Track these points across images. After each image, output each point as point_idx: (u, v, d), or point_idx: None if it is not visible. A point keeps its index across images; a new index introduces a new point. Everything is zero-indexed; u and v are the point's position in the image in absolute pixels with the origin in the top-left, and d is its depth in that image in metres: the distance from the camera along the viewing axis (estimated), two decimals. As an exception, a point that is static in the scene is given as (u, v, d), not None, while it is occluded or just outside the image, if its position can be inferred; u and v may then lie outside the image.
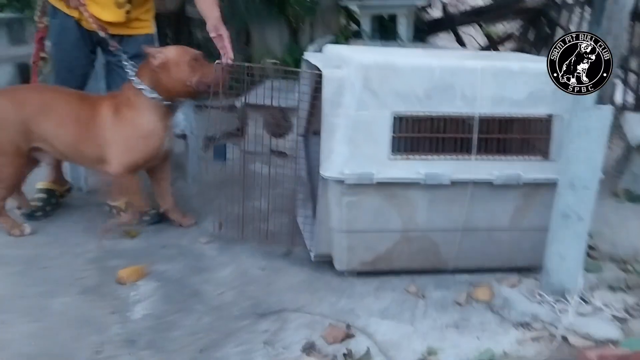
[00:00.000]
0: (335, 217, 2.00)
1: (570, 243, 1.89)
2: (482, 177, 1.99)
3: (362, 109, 1.88)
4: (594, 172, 1.82)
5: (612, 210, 2.89)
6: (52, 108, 2.23)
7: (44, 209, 2.53)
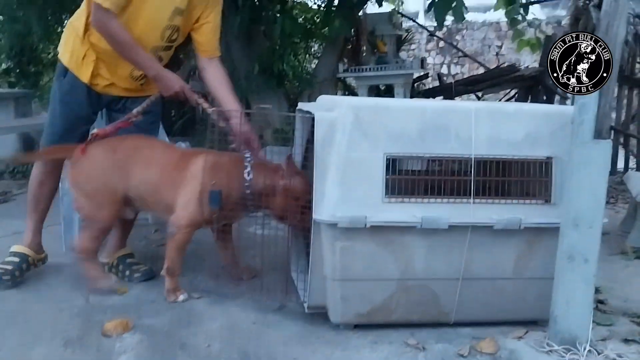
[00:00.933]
0: (329, 264, 1.92)
1: (577, 287, 1.78)
2: (481, 221, 1.92)
3: (354, 149, 1.85)
4: (598, 209, 1.75)
5: (620, 267, 2.81)
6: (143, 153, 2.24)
7: (12, 274, 2.38)
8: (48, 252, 2.73)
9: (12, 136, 4.57)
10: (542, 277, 1.95)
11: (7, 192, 3.91)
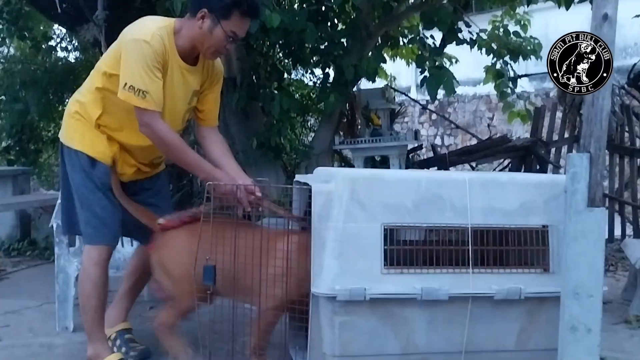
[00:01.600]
0: (328, 341, 1.88)
1: (581, 358, 1.75)
2: (481, 292, 1.91)
3: (351, 221, 1.86)
4: (597, 278, 1.75)
5: (625, 337, 2.77)
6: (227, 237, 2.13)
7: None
8: (41, 331, 2.69)
9: (9, 213, 4.57)
10: (546, 348, 1.92)
11: (1, 270, 3.87)
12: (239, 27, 2.15)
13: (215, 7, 2.10)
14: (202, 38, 2.14)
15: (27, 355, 2.41)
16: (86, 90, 2.24)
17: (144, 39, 2.05)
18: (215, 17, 2.11)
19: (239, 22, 2.14)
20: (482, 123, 11.69)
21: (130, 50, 2.05)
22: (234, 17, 2.12)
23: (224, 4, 2.10)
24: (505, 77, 5.70)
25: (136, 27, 2.14)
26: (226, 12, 2.10)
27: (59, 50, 7.49)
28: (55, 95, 6.88)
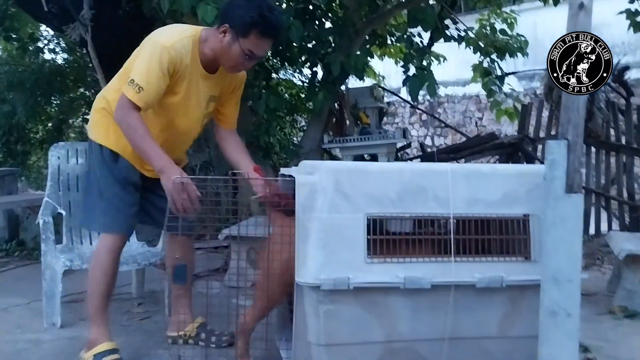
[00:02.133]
0: (313, 330, 1.90)
1: (562, 343, 1.77)
2: (463, 280, 1.92)
3: (335, 212, 1.88)
4: (575, 263, 1.77)
5: (610, 327, 2.81)
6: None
7: None
8: (29, 328, 2.69)
9: (-3, 214, 4.57)
10: (529, 335, 1.93)
11: (-13, 270, 3.88)
12: (257, 47, 2.17)
13: (235, 24, 2.15)
14: (222, 52, 2.20)
15: (14, 352, 2.41)
16: (112, 89, 2.30)
17: (164, 44, 2.12)
18: (235, 34, 2.16)
19: (257, 41, 2.16)
20: (472, 123, 11.78)
21: (147, 50, 2.13)
22: (252, 36, 2.14)
23: (243, 22, 2.13)
24: (493, 75, 5.76)
25: (163, 32, 2.21)
26: (245, 31, 2.14)
27: (46, 52, 7.48)
28: (43, 96, 6.87)
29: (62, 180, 3.06)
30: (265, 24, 2.13)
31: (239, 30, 2.15)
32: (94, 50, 4.85)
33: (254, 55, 2.19)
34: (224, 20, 2.19)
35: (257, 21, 2.12)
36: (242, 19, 2.13)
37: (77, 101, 7.61)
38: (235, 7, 2.16)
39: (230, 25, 2.16)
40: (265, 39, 2.18)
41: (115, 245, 2.27)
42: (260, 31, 2.14)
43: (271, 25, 2.16)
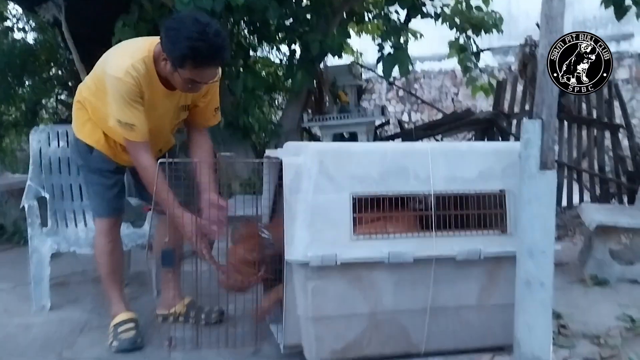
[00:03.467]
0: (302, 304, 1.98)
1: (536, 311, 1.89)
2: (444, 254, 2.02)
3: (320, 192, 1.95)
4: (549, 237, 1.88)
5: (580, 295, 2.94)
6: None
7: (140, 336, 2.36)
8: (17, 312, 2.71)
9: (-25, 198, 4.52)
10: (505, 304, 2.05)
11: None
12: (196, 75, 2.09)
13: (169, 55, 2.07)
14: (168, 76, 2.15)
15: (4, 336, 2.43)
16: (86, 87, 2.35)
17: (118, 76, 2.09)
18: (172, 64, 2.08)
19: (195, 71, 2.07)
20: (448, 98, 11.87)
21: (110, 87, 2.13)
22: (187, 66, 2.05)
23: (175, 56, 2.05)
24: (468, 52, 5.83)
25: (115, 61, 2.16)
26: (180, 63, 2.05)
27: (16, 31, 7.31)
28: (15, 78, 6.74)
29: (44, 164, 3.06)
30: (197, 56, 2.02)
31: (174, 62, 2.07)
32: (68, 31, 4.78)
33: (196, 82, 2.12)
34: (162, 47, 2.11)
35: (187, 54, 2.02)
36: (172, 52, 2.05)
37: (49, 81, 7.48)
38: (166, 39, 2.06)
39: (166, 55, 2.09)
40: (203, 68, 2.08)
41: (105, 228, 2.33)
42: (194, 63, 2.04)
43: (203, 56, 2.04)
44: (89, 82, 2.33)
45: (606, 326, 2.41)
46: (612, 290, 2.97)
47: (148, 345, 2.29)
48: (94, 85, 2.27)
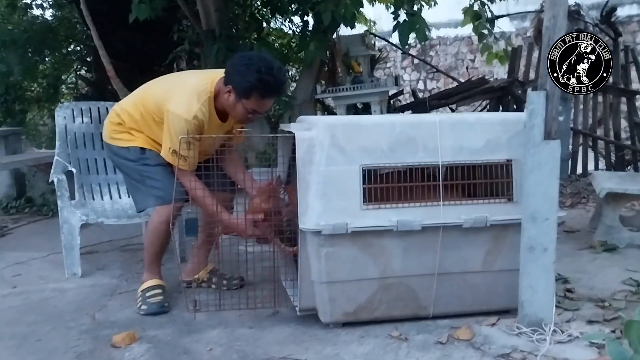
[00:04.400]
0: (315, 269, 2.10)
1: (539, 274, 1.99)
2: (451, 221, 2.12)
3: (332, 164, 2.05)
4: (552, 204, 1.96)
5: (589, 260, 3.01)
6: None
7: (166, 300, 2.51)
8: (51, 278, 2.89)
9: (4, 173, 4.70)
10: (510, 269, 2.15)
11: (3, 227, 4.04)
12: (259, 106, 2.34)
13: (237, 87, 2.30)
14: (229, 108, 2.38)
15: (41, 299, 2.61)
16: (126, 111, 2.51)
17: (186, 117, 2.28)
18: (238, 95, 2.31)
19: (259, 102, 2.32)
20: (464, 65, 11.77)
21: (173, 124, 2.30)
22: (253, 97, 2.30)
23: (244, 87, 2.28)
24: (483, 19, 5.78)
25: (180, 101, 2.33)
26: (246, 94, 2.29)
27: (34, 8, 7.42)
28: (36, 54, 6.88)
29: (70, 139, 3.20)
30: (264, 88, 2.28)
31: (240, 93, 2.30)
32: (86, 8, 4.87)
33: (256, 112, 2.37)
34: (227, 81, 2.33)
35: (256, 85, 2.26)
36: (241, 84, 2.28)
37: (69, 57, 7.61)
38: (235, 72, 2.30)
39: (233, 87, 2.31)
40: (267, 99, 2.35)
41: (169, 216, 2.38)
42: (260, 94, 2.30)
43: (270, 87, 2.30)
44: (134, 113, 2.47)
45: (612, 290, 2.49)
46: (620, 256, 3.03)
47: (174, 308, 2.44)
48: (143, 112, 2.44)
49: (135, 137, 2.50)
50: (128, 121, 2.50)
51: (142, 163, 2.48)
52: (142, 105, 2.47)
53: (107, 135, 2.58)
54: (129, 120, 2.50)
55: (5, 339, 2.19)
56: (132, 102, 2.54)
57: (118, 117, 2.53)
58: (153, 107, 2.43)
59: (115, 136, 2.53)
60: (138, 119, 2.48)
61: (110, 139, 2.56)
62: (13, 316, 2.42)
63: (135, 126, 2.49)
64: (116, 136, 2.53)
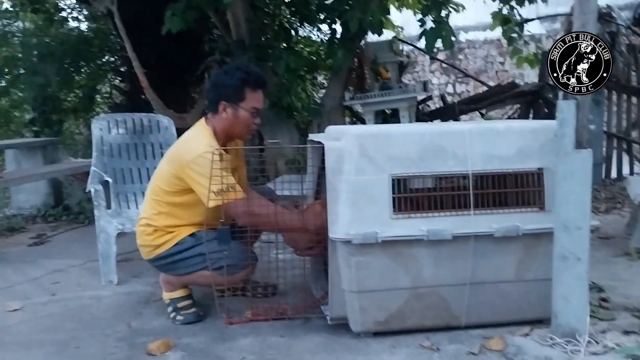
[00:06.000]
0: (346, 278, 2.12)
1: (572, 284, 1.96)
2: (482, 231, 2.11)
3: (361, 174, 2.06)
4: (584, 213, 1.94)
5: (624, 268, 2.96)
6: None
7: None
8: (88, 286, 2.98)
9: (42, 182, 4.84)
10: (543, 278, 2.13)
11: (42, 235, 4.16)
12: (256, 101, 2.41)
13: (229, 95, 2.38)
14: (232, 125, 2.41)
15: (79, 307, 2.69)
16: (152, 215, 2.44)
17: (205, 150, 2.26)
18: (234, 102, 2.38)
19: (254, 96, 2.40)
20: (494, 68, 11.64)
21: (197, 169, 2.27)
22: (247, 94, 2.38)
23: (235, 88, 2.37)
24: (512, 23, 5.73)
25: (189, 149, 2.33)
26: (240, 94, 2.37)
27: (70, 21, 7.64)
28: (72, 65, 7.08)
29: (106, 150, 3.29)
30: (252, 78, 2.39)
31: (235, 98, 2.38)
32: (120, 21, 4.99)
33: (257, 109, 2.42)
34: (217, 100, 2.38)
35: (245, 79, 2.37)
36: (231, 88, 2.37)
37: (103, 68, 7.81)
38: (221, 85, 2.40)
39: (225, 100, 2.38)
40: (258, 91, 2.42)
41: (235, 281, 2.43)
42: (251, 87, 2.39)
43: (257, 76, 2.42)
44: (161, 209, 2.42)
45: (648, 299, 2.45)
46: (657, 264, 2.97)
47: (207, 315, 2.48)
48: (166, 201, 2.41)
49: (177, 231, 2.41)
50: (161, 221, 2.42)
51: (199, 244, 2.36)
52: (162, 194, 2.42)
53: (149, 252, 2.45)
54: (161, 220, 2.42)
55: (46, 345, 2.26)
56: (150, 204, 2.47)
57: (149, 226, 2.43)
58: (172, 180, 2.37)
59: (159, 242, 2.42)
60: (167, 210, 2.42)
61: (155, 250, 2.43)
62: (52, 323, 2.50)
63: (171, 221, 2.42)
64: (159, 242, 2.41)
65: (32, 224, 4.57)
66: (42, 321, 2.53)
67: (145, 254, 2.48)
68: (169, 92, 5.80)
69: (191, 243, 2.39)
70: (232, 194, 2.26)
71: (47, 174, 4.58)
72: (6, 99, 7.60)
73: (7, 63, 7.15)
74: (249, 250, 2.40)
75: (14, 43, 7.35)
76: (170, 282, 2.50)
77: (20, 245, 3.93)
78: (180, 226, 2.42)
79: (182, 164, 2.32)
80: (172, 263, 2.42)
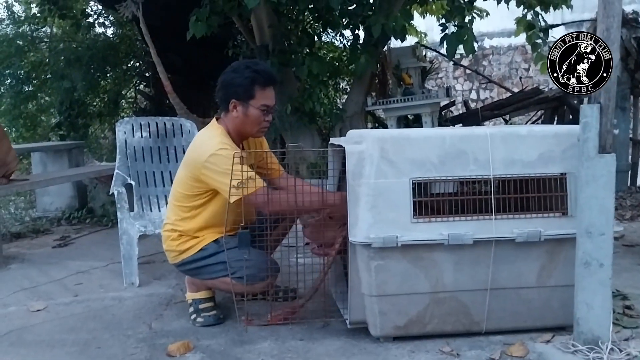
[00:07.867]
0: (366, 282, 2.11)
1: (595, 290, 1.93)
2: (503, 236, 2.09)
3: (381, 177, 2.06)
4: (607, 218, 1.91)
5: (649, 275, 2.90)
6: None
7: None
8: (111, 287, 3.01)
9: (67, 185, 4.93)
10: (565, 284, 2.10)
11: (66, 237, 4.23)
12: (266, 99, 2.41)
13: (239, 94, 2.38)
14: (243, 123, 2.42)
15: (101, 308, 2.73)
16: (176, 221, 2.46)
17: (220, 147, 2.29)
18: (244, 101, 2.38)
19: (263, 94, 2.40)
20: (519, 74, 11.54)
21: (213, 168, 2.28)
22: (257, 92, 2.38)
23: (244, 86, 2.37)
24: (537, 29, 5.68)
25: (204, 146, 2.34)
26: (249, 92, 2.37)
27: (97, 27, 7.80)
28: (98, 70, 7.22)
29: (129, 153, 3.34)
30: (261, 76, 2.39)
31: (245, 96, 2.38)
32: (145, 26, 5.07)
33: (268, 107, 2.41)
34: (227, 99, 2.39)
35: (254, 77, 2.37)
36: (241, 86, 2.37)
37: (129, 73, 7.95)
38: (230, 84, 2.40)
39: (235, 98, 2.38)
40: (268, 88, 2.41)
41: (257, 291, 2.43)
42: (261, 85, 2.39)
43: (266, 73, 2.42)
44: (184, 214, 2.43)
45: (674, 308, 2.39)
46: (683, 272, 2.91)
47: (227, 318, 2.49)
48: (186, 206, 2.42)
49: (202, 236, 2.43)
50: (185, 226, 2.44)
51: (221, 251, 2.37)
52: (183, 199, 2.43)
53: (174, 256, 2.47)
54: (185, 224, 2.44)
55: (67, 345, 2.30)
56: (173, 210, 2.49)
57: (174, 231, 2.46)
58: (190, 183, 2.39)
59: (183, 248, 2.44)
60: (189, 215, 2.43)
61: (180, 255, 2.45)
62: (75, 323, 2.54)
63: (194, 224, 2.43)
64: (184, 247, 2.44)
65: (57, 226, 4.65)
66: (65, 321, 2.57)
67: (171, 259, 2.52)
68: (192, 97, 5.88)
69: (214, 250, 2.41)
70: (252, 187, 2.26)
71: (72, 177, 4.65)
72: (33, 103, 7.78)
73: (34, 68, 7.33)
74: (270, 261, 2.40)
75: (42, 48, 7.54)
76: (194, 282, 2.53)
77: (45, 246, 4.00)
78: (204, 229, 2.44)
79: (197, 166, 2.34)
80: (195, 269, 2.45)
